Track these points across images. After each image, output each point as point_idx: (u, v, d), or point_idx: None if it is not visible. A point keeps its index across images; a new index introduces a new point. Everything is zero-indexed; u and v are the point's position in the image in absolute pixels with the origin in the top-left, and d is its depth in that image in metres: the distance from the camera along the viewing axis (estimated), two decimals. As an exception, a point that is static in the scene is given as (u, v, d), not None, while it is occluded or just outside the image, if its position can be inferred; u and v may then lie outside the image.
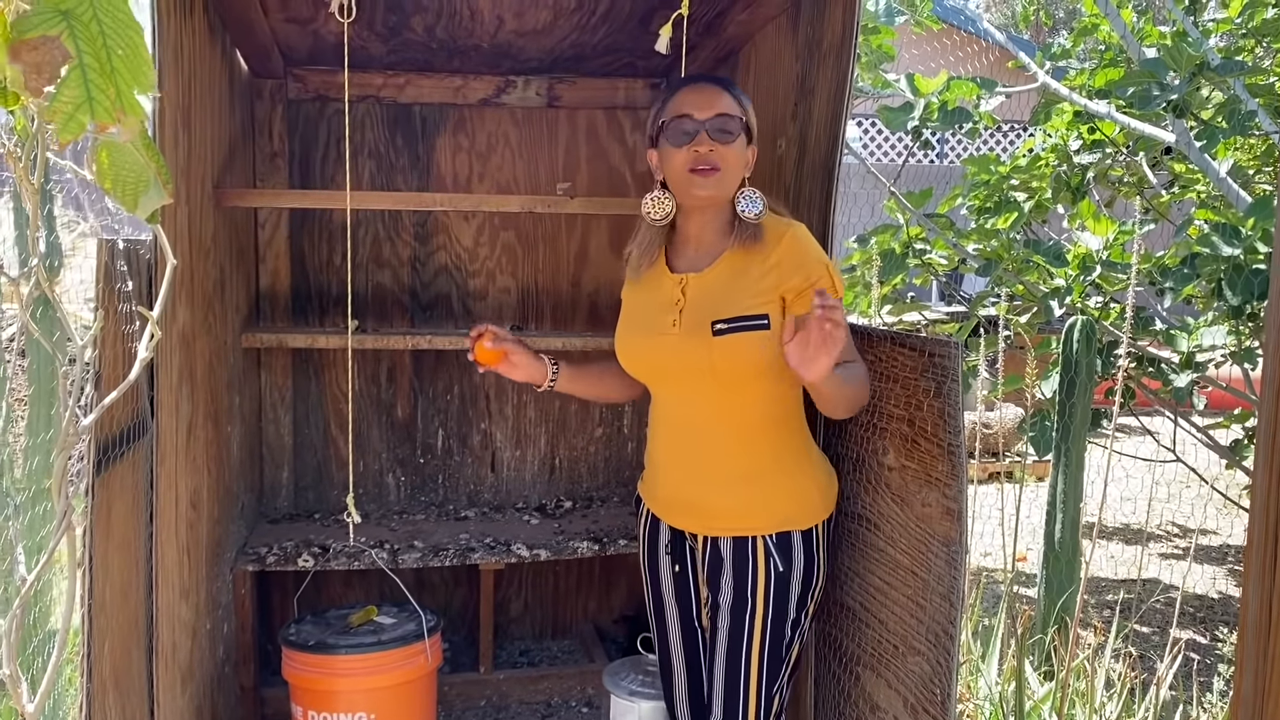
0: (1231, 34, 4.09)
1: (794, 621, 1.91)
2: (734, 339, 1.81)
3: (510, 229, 3.26)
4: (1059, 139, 4.24)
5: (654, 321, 1.92)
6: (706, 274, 1.89)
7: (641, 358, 1.96)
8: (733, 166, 1.85)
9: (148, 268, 1.89)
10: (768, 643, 1.90)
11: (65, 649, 1.15)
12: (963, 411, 1.76)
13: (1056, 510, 3.53)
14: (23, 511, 2.84)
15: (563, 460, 3.40)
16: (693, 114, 1.84)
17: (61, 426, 1.05)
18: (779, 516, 1.90)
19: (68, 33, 0.84)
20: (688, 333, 1.85)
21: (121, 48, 0.87)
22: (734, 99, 1.87)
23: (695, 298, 1.87)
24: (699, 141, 1.83)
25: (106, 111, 0.86)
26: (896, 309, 4.61)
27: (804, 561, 1.91)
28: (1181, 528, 5.88)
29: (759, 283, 1.83)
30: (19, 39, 0.83)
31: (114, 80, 0.86)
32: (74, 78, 0.84)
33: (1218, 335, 3.56)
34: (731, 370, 1.83)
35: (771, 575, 1.89)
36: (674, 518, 2.00)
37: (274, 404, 3.16)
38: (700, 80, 1.91)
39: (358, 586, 3.24)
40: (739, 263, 1.86)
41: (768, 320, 1.81)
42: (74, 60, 0.84)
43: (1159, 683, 2.78)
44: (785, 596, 1.90)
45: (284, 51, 2.88)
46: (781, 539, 1.89)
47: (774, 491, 1.90)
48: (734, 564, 1.91)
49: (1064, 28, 10.62)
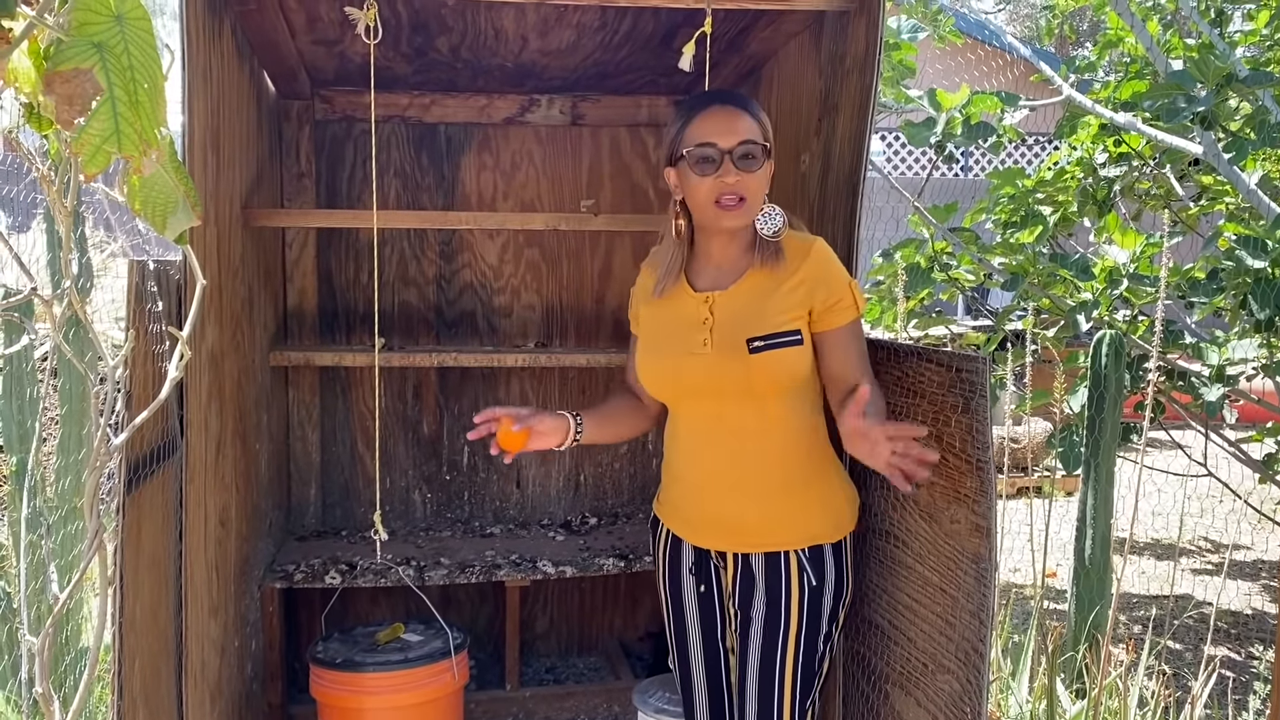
0: (1259, 45, 4.06)
1: (826, 635, 1.91)
2: (772, 356, 1.81)
3: (534, 246, 3.27)
4: (1084, 152, 4.21)
5: (683, 341, 1.89)
6: (733, 291, 1.87)
7: (672, 378, 1.92)
8: (758, 192, 1.84)
9: (177, 288, 1.91)
10: (801, 657, 1.89)
11: (96, 667, 1.16)
12: (991, 427, 1.75)
13: (1087, 525, 3.50)
14: (55, 530, 2.87)
15: (588, 477, 3.40)
16: (716, 142, 1.80)
17: (93, 445, 1.06)
18: (810, 530, 1.90)
19: (100, 66, 0.85)
20: (721, 351, 1.84)
21: (147, 80, 0.88)
22: (754, 120, 1.84)
23: (724, 316, 1.86)
24: (725, 172, 1.80)
25: (134, 145, 0.87)
26: (922, 323, 4.58)
27: (835, 574, 1.90)
28: (1214, 543, 5.80)
29: (787, 299, 1.83)
30: (54, 70, 0.84)
31: (139, 114, 0.87)
32: (104, 111, 0.86)
33: (1248, 348, 3.51)
34: (770, 386, 1.83)
35: (805, 589, 1.88)
36: (700, 537, 1.98)
37: (301, 422, 3.18)
38: (718, 101, 1.86)
39: (384, 604, 3.25)
40: (764, 279, 1.85)
41: (800, 336, 1.82)
42: (105, 94, 0.85)
43: (1193, 701, 2.74)
44: (818, 610, 1.89)
45: (311, 73, 2.91)
46: (814, 552, 1.89)
47: (805, 505, 1.90)
48: (766, 580, 1.90)
49: (1088, 40, 10.58)
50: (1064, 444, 3.68)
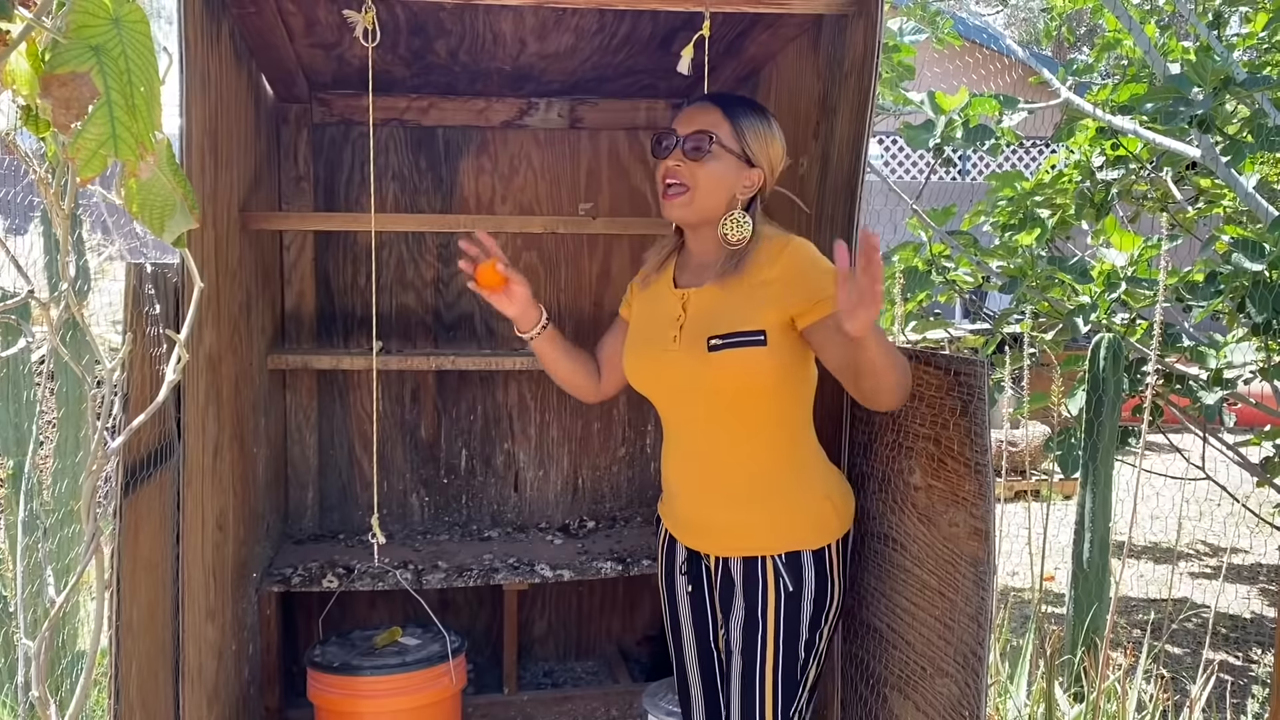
0: (1256, 49, 4.07)
1: (808, 643, 1.88)
2: (730, 355, 1.78)
3: (533, 250, 3.27)
4: (1082, 155, 4.22)
5: (657, 337, 1.91)
6: (704, 290, 1.87)
7: (646, 374, 1.94)
8: (707, 187, 1.82)
9: (175, 291, 1.91)
10: (781, 664, 1.87)
11: (93, 670, 1.16)
12: (989, 430, 1.75)
13: (1085, 529, 3.50)
14: (52, 533, 2.86)
15: (586, 480, 3.40)
16: (676, 129, 1.84)
17: (90, 449, 1.06)
18: (787, 536, 1.86)
19: (97, 69, 0.85)
20: (687, 349, 1.83)
21: (144, 84, 0.88)
22: (725, 117, 1.83)
23: (694, 314, 1.86)
24: (671, 156, 1.83)
25: (130, 149, 0.87)
26: (920, 326, 4.58)
27: (815, 582, 1.87)
28: (1212, 546, 5.80)
29: (753, 297, 1.80)
30: (50, 73, 0.84)
31: (136, 118, 0.87)
32: (100, 115, 0.85)
33: (1247, 351, 3.52)
34: (730, 387, 1.81)
35: (781, 596, 1.86)
36: (688, 537, 1.99)
37: (299, 425, 3.17)
38: (707, 97, 1.90)
39: (382, 607, 3.24)
40: (736, 279, 1.84)
41: (764, 337, 1.77)
42: (101, 98, 0.85)
43: (1192, 705, 2.74)
44: (796, 617, 1.86)
45: (309, 76, 2.91)
46: (791, 559, 1.86)
47: (781, 511, 1.87)
48: (744, 584, 1.88)
49: (1086, 44, 10.59)
50: (1062, 447, 3.68)
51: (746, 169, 1.85)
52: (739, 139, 1.83)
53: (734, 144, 1.83)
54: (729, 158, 1.82)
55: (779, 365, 1.80)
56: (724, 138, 1.82)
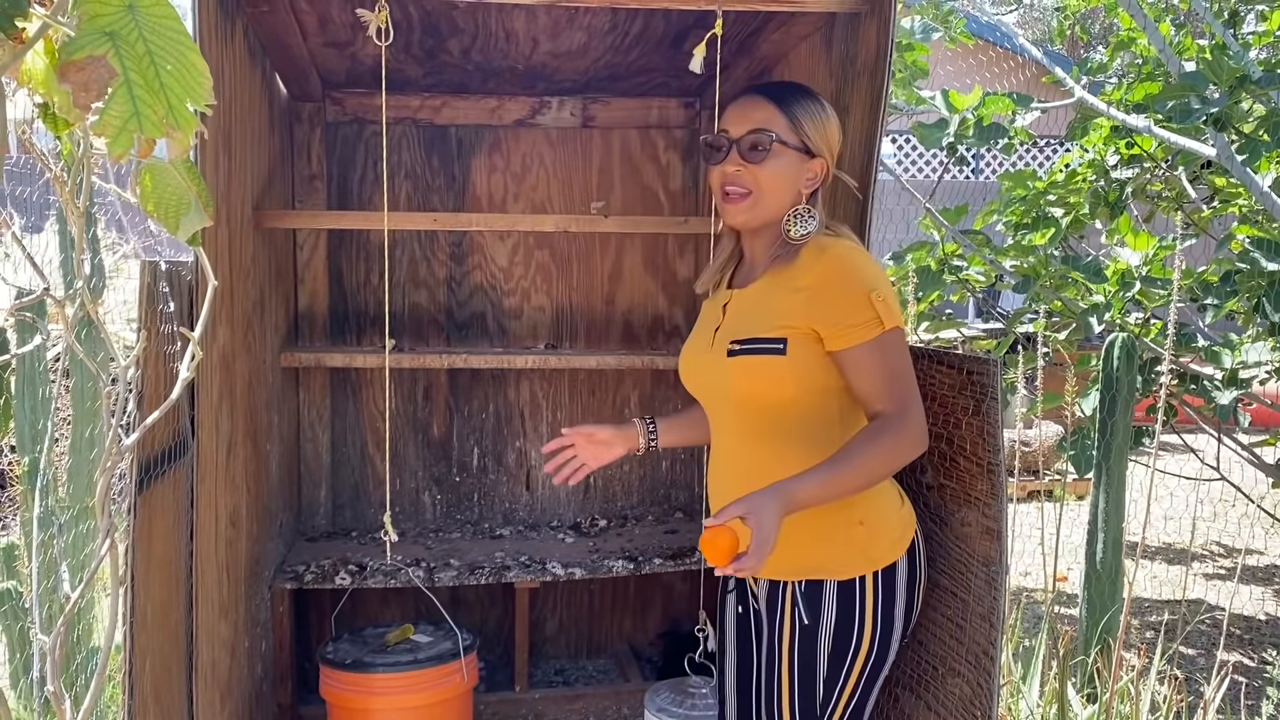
0: (1272, 46, 4.04)
1: (829, 679, 1.72)
2: (746, 362, 1.69)
3: (545, 248, 3.28)
4: (1096, 154, 4.20)
5: (701, 339, 1.85)
6: (747, 292, 1.79)
7: (688, 377, 1.89)
8: (770, 189, 1.71)
9: (189, 289, 1.92)
10: (798, 698, 1.73)
11: (107, 666, 1.16)
12: (1002, 430, 1.74)
13: (1098, 529, 3.48)
14: (66, 530, 2.88)
15: (597, 479, 3.40)
16: (728, 129, 1.73)
17: (104, 446, 1.06)
18: (806, 563, 1.71)
19: (113, 52, 0.85)
20: (717, 353, 1.76)
21: (172, 63, 0.87)
22: (779, 110, 1.71)
23: (730, 316, 1.79)
24: (729, 160, 1.71)
25: (155, 125, 0.87)
26: (933, 326, 4.57)
27: (837, 616, 1.70)
28: (1226, 547, 5.77)
29: (782, 304, 1.69)
30: (66, 60, 0.85)
31: (164, 95, 0.87)
32: (120, 94, 0.85)
33: (1261, 351, 3.50)
34: (747, 395, 1.71)
35: (796, 628, 1.72)
36: None
37: (312, 423, 3.18)
38: (754, 90, 1.77)
39: (394, 605, 3.25)
40: (773, 282, 1.74)
41: (783, 345, 1.66)
42: (120, 78, 0.85)
43: (1206, 706, 2.73)
44: (812, 653, 1.71)
45: (322, 75, 2.92)
46: (811, 588, 1.71)
47: (801, 534, 1.67)
48: (768, 610, 1.78)
49: (1100, 42, 10.54)
50: (1075, 447, 3.67)
51: (808, 160, 1.72)
52: (796, 130, 1.71)
53: (792, 137, 1.70)
54: (789, 153, 1.70)
55: (800, 376, 1.67)
56: (781, 132, 1.70)
